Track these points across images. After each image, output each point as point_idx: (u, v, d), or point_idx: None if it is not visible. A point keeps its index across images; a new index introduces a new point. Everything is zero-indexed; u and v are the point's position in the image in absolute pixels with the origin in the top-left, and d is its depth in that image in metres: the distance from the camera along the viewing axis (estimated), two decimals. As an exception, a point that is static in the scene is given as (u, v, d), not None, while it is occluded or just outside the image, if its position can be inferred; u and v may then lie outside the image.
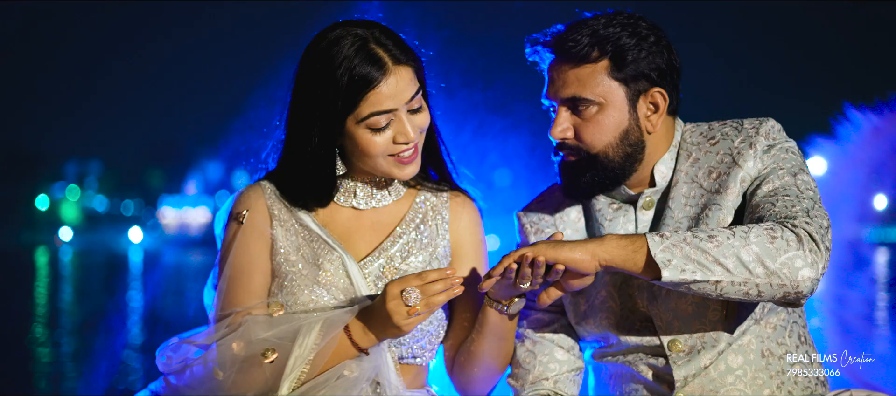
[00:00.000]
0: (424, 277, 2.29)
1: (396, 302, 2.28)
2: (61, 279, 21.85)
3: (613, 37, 2.45)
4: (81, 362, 8.40)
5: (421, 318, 2.31)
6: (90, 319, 12.27)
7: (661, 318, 2.49)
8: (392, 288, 2.29)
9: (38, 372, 7.67)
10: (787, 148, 2.49)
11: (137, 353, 8.78)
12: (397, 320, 2.29)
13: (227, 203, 2.55)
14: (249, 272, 2.46)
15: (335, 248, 2.48)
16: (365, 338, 2.36)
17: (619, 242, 2.30)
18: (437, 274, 2.29)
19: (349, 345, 2.36)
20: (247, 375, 2.32)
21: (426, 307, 2.29)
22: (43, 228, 56.84)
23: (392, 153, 2.44)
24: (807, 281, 2.24)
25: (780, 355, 2.48)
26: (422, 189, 2.63)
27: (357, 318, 2.36)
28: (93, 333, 10.60)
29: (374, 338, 2.36)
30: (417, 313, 2.29)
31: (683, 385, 2.46)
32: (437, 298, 2.29)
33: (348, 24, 2.42)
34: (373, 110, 2.38)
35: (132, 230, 53.10)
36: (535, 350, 2.62)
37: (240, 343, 2.32)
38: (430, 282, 2.28)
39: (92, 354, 8.86)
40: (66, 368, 7.90)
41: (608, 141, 2.50)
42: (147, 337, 10.18)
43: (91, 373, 7.66)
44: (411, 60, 2.42)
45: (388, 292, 2.29)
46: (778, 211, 2.34)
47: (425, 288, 2.28)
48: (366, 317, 2.36)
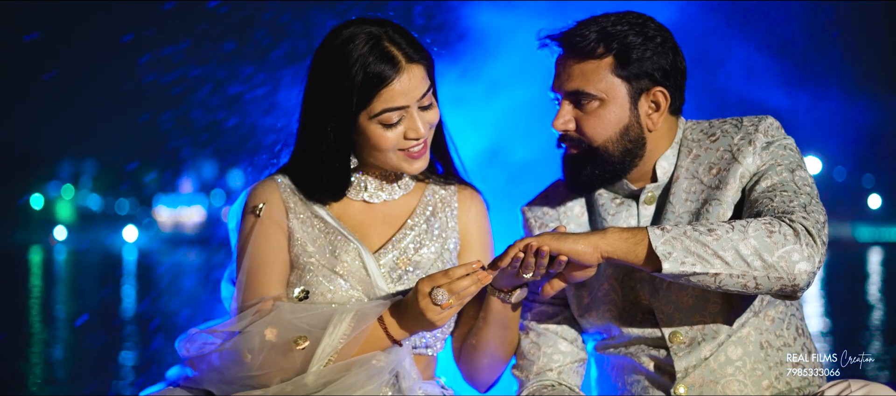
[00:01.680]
0: (451, 275, 2.35)
1: (427, 301, 2.35)
2: (55, 278, 21.78)
3: (620, 34, 2.50)
4: (77, 362, 8.38)
5: (454, 311, 2.37)
6: (84, 318, 12.23)
7: (662, 311, 2.54)
8: (423, 285, 2.35)
9: (31, 373, 7.65)
10: (785, 144, 2.54)
11: (131, 353, 8.77)
12: (430, 316, 2.36)
13: (241, 198, 2.60)
14: (271, 261, 2.51)
15: (351, 240, 2.54)
16: (399, 331, 2.43)
17: (621, 235, 2.35)
18: (463, 270, 2.35)
19: (384, 336, 2.42)
20: (276, 360, 2.37)
21: (458, 300, 2.35)
22: (37, 227, 56.61)
23: (402, 148, 2.49)
24: (803, 274, 2.29)
25: (778, 347, 2.53)
26: (430, 182, 2.69)
27: (390, 312, 2.43)
28: (88, 332, 10.58)
29: (408, 332, 2.43)
30: (450, 307, 2.35)
31: (684, 377, 2.51)
32: (466, 292, 2.35)
33: (362, 22, 2.48)
34: (385, 107, 2.44)
35: (127, 229, 52.94)
36: (540, 342, 2.67)
37: (273, 330, 2.38)
38: (457, 279, 2.34)
39: (88, 354, 8.85)
40: (57, 369, 7.88)
41: (609, 135, 2.54)
42: (144, 337, 10.16)
43: (87, 374, 7.64)
44: (423, 58, 2.48)
45: (419, 289, 2.36)
46: (776, 206, 2.39)
47: (453, 285, 2.34)
48: (399, 312, 2.42)
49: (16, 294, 16.32)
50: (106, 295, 16.95)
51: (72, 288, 18.59)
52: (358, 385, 2.37)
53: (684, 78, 2.59)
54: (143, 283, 19.79)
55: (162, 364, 8.04)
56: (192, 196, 59.71)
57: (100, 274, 23.70)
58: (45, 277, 22.04)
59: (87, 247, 44.63)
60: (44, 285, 19.28)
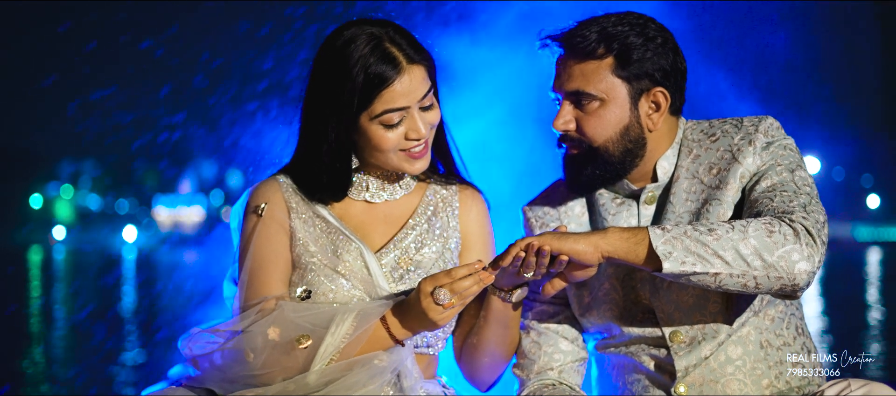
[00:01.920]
0: (453, 275, 2.35)
1: (429, 300, 2.35)
2: (55, 278, 21.79)
3: (621, 35, 2.51)
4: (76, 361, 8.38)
5: (456, 311, 2.38)
6: (84, 318, 12.24)
7: (662, 310, 2.55)
8: (425, 285, 2.36)
9: (32, 372, 7.66)
10: (785, 145, 2.55)
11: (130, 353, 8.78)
12: (433, 316, 2.37)
13: (242, 198, 2.61)
14: (273, 261, 2.51)
15: (353, 240, 2.55)
16: (401, 331, 2.44)
17: (622, 234, 2.36)
18: (465, 270, 2.36)
19: (386, 336, 2.43)
20: (278, 359, 2.38)
21: (460, 300, 2.36)
22: (37, 227, 56.62)
23: (403, 148, 2.51)
24: (803, 273, 2.30)
25: (778, 346, 2.54)
26: (431, 182, 2.70)
27: (392, 312, 2.44)
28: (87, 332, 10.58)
29: (411, 332, 2.44)
30: (452, 307, 2.36)
31: (684, 376, 2.52)
32: (468, 291, 2.35)
33: (363, 23, 2.49)
34: (387, 107, 2.45)
35: (126, 228, 52.93)
36: (541, 341, 2.68)
37: (275, 329, 2.39)
38: (459, 279, 2.35)
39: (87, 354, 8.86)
40: (57, 368, 7.88)
41: (609, 135, 2.56)
42: (140, 337, 10.18)
43: (86, 373, 7.65)
44: (424, 59, 2.49)
45: (422, 289, 2.36)
46: (776, 206, 2.40)
47: (455, 285, 2.34)
48: (401, 311, 2.43)
49: (15, 293, 16.34)
50: (105, 294, 16.97)
51: (71, 288, 18.61)
52: (360, 385, 2.38)
53: (684, 78, 2.60)
54: (142, 283, 19.81)
55: (160, 364, 8.06)
56: (191, 196, 59.72)
57: (99, 273, 23.72)
58: (44, 277, 22.06)
59: (86, 247, 44.62)
60: (43, 284, 19.30)
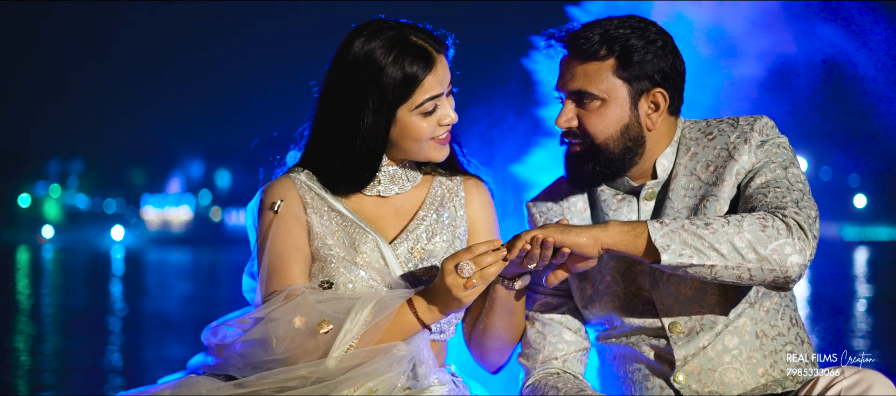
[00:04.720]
0: (474, 250, 2.44)
1: (453, 277, 2.43)
2: (42, 276, 21.71)
3: (622, 37, 2.59)
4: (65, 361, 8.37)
5: (478, 289, 2.45)
6: (73, 317, 12.20)
7: (662, 302, 2.63)
8: (447, 263, 2.44)
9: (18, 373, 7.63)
10: (779, 143, 2.63)
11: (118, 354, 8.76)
12: (457, 293, 2.44)
13: (257, 196, 2.67)
14: (292, 254, 2.57)
15: (369, 232, 2.62)
16: (429, 314, 2.51)
17: (622, 228, 2.44)
18: (485, 246, 2.44)
19: (414, 320, 2.51)
20: (301, 342, 2.44)
21: (481, 278, 2.43)
22: (25, 226, 56.32)
23: (433, 136, 2.60)
24: (795, 266, 2.39)
25: (773, 336, 2.62)
26: (435, 174, 2.78)
27: (420, 296, 2.52)
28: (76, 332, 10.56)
29: (438, 313, 2.52)
30: (474, 285, 2.43)
31: (683, 365, 2.60)
32: (489, 270, 2.43)
33: (378, 22, 2.58)
34: (426, 96, 2.55)
35: (114, 228, 52.75)
36: (545, 332, 2.75)
37: (301, 318, 2.45)
38: (480, 255, 2.43)
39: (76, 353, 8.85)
40: (46, 369, 7.86)
41: (609, 133, 2.64)
42: (136, 336, 10.17)
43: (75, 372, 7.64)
44: (445, 48, 2.60)
45: (445, 268, 2.44)
46: (769, 202, 2.48)
47: (477, 259, 2.43)
48: (428, 295, 2.51)
49: (3, 292, 16.27)
50: (94, 293, 16.93)
51: (59, 287, 18.53)
52: (378, 373, 2.44)
53: (683, 80, 2.68)
54: (130, 282, 19.77)
55: (153, 363, 8.08)
56: (179, 195, 59.60)
57: (87, 272, 23.64)
58: (33, 276, 21.98)
59: (74, 246, 44.40)
60: (31, 283, 19.23)
